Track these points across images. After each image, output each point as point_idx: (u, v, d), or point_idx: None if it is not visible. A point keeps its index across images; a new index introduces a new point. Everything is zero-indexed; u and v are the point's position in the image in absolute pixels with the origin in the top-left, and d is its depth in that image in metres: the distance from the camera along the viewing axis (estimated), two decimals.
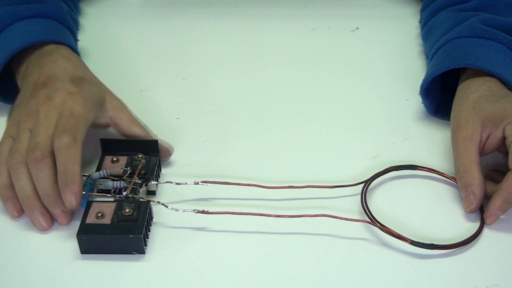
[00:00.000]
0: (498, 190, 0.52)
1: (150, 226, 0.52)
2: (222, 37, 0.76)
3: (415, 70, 0.70)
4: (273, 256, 0.50)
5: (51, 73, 0.56)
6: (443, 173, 0.57)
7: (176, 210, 0.52)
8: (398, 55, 0.73)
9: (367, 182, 0.55)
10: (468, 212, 0.53)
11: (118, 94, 0.62)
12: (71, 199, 0.50)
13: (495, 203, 0.52)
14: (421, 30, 0.72)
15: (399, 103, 0.66)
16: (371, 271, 0.49)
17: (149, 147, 0.57)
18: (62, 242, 0.51)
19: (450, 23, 0.65)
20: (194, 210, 0.52)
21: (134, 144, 0.57)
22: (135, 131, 0.57)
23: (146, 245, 0.50)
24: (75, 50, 0.62)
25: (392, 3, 0.80)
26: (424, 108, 0.63)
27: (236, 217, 0.52)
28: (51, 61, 0.58)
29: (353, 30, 0.77)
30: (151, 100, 0.67)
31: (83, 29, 0.76)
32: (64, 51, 0.60)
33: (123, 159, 0.56)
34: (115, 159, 0.56)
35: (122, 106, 0.58)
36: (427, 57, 0.68)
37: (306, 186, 0.55)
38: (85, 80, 0.57)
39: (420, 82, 0.62)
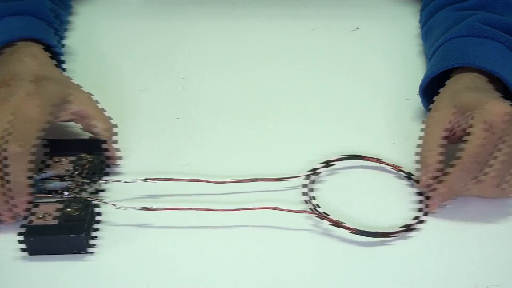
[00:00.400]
0: (443, 179, 0.53)
1: (97, 225, 0.52)
2: (222, 37, 0.76)
3: (415, 70, 0.70)
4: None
5: (14, 71, 0.56)
6: (388, 162, 0.57)
7: (122, 208, 0.52)
8: (398, 55, 0.73)
9: (311, 174, 0.56)
10: (421, 190, 0.54)
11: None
12: (19, 208, 0.51)
13: (439, 191, 0.53)
14: (421, 30, 0.72)
15: (399, 103, 0.66)
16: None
17: (95, 146, 0.56)
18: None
19: (448, 23, 0.65)
20: (140, 208, 0.52)
21: (80, 144, 0.57)
22: (97, 126, 0.57)
23: (89, 244, 0.50)
24: (53, 45, 0.62)
25: (392, 3, 0.80)
26: (424, 108, 0.63)
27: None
28: (18, 59, 0.58)
29: (353, 30, 0.77)
30: (151, 100, 0.67)
31: (83, 30, 0.76)
32: (33, 48, 0.60)
33: (69, 159, 0.56)
34: (61, 159, 0.56)
35: (89, 100, 0.58)
36: (426, 57, 0.68)
37: (252, 180, 0.55)
38: (47, 79, 0.56)
39: (420, 82, 0.62)
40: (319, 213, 0.52)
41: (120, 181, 0.55)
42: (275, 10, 0.80)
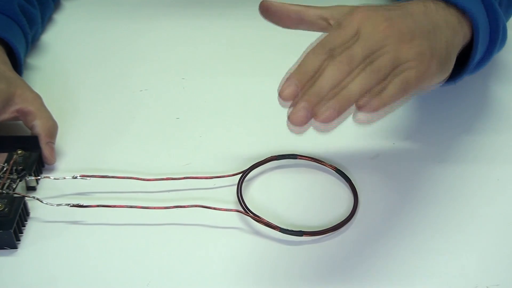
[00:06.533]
0: None
1: (26, 221, 0.52)
2: (222, 37, 0.76)
3: None
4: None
5: None
6: (323, 162, 0.57)
7: (51, 204, 0.53)
8: None
9: (245, 173, 0.56)
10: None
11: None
12: None
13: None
14: None
15: None
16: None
17: (29, 143, 0.57)
18: None
19: None
20: (68, 204, 0.53)
21: (14, 140, 0.57)
22: (35, 124, 0.57)
23: (18, 240, 0.51)
24: (12, 43, 0.62)
25: (391, 3, 0.80)
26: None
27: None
28: None
29: None
30: (151, 100, 0.67)
31: (89, 30, 0.76)
32: None
33: (2, 156, 0.56)
34: None
35: (33, 99, 0.58)
36: None
37: (184, 178, 0.55)
38: None
39: None
40: (247, 211, 0.53)
41: (50, 178, 0.55)
42: None
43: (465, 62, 0.56)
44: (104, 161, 0.59)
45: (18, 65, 0.64)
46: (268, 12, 0.54)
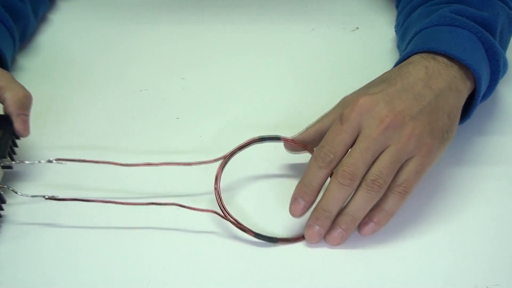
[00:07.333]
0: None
1: (2, 210, 0.52)
2: (222, 37, 0.76)
3: None
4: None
5: None
6: (307, 146, 0.55)
7: (26, 195, 0.52)
8: (398, 55, 0.73)
9: (225, 159, 0.54)
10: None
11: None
12: None
13: (298, 185, 0.51)
14: (398, 34, 0.70)
15: None
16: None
17: (1, 122, 0.55)
18: None
19: (422, 18, 0.62)
20: (44, 196, 0.52)
21: None
22: (6, 97, 0.54)
23: None
24: None
25: (392, 3, 0.80)
26: None
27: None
28: None
29: (353, 30, 0.77)
30: (151, 100, 0.67)
31: (86, 30, 0.76)
32: None
33: None
34: None
35: (1, 74, 0.56)
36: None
37: (163, 164, 0.54)
38: None
39: None
40: (224, 213, 0.52)
41: (24, 162, 0.54)
42: (275, 10, 0.80)
43: (468, 101, 0.57)
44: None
45: (3, 60, 0.62)
46: (294, 150, 0.57)
